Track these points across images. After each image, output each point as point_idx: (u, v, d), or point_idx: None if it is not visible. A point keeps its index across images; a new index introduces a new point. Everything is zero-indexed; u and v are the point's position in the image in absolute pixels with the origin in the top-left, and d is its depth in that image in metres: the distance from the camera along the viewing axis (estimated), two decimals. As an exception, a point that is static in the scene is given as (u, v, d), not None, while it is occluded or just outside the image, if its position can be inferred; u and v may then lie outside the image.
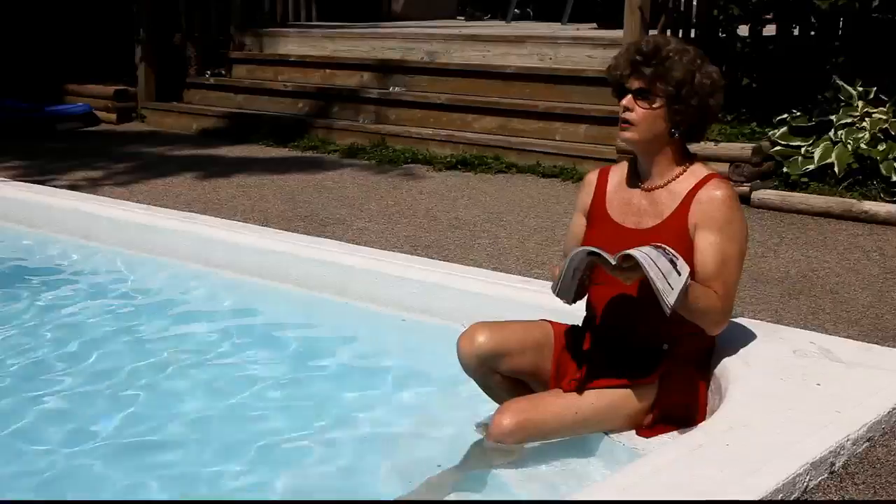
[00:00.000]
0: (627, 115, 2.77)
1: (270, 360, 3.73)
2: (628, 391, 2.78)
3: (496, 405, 2.91)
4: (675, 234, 2.76)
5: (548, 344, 2.91)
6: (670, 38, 2.90)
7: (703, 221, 2.75)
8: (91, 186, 6.49)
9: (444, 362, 3.58)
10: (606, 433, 2.81)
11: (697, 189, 2.79)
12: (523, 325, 2.96)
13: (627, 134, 2.80)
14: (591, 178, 3.00)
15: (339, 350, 3.81)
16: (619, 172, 2.97)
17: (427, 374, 3.53)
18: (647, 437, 2.79)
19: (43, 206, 5.37)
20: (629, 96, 2.77)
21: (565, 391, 2.79)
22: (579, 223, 2.99)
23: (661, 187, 2.84)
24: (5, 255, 5.06)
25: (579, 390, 2.77)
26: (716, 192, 2.77)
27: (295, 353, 3.79)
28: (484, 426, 2.93)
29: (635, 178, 2.90)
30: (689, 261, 2.68)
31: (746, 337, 3.11)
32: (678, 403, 2.83)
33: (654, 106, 2.75)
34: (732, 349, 3.00)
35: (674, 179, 2.83)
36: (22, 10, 10.08)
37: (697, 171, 2.84)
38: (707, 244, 2.74)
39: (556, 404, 2.76)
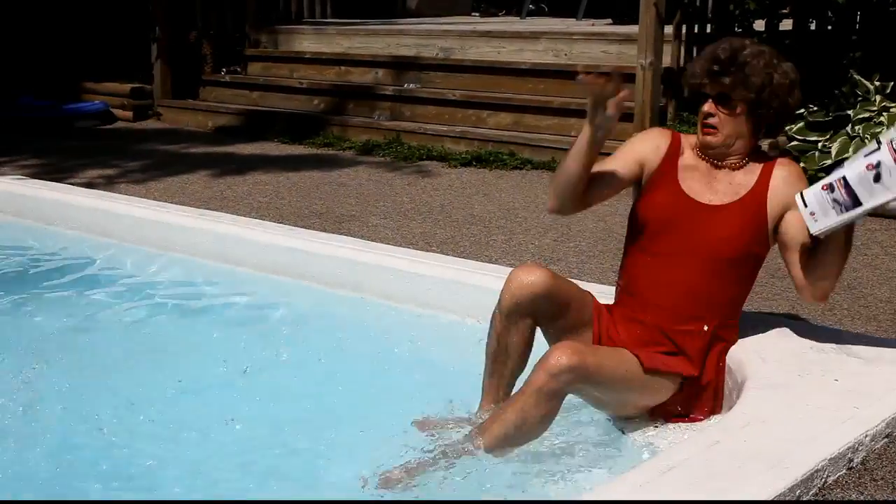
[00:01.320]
0: (711, 121, 2.82)
1: (285, 356, 3.73)
2: (663, 372, 2.79)
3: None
4: (751, 211, 2.83)
5: (588, 313, 2.89)
6: (746, 40, 2.92)
7: (790, 199, 2.78)
8: (107, 184, 6.52)
9: (459, 359, 3.59)
10: (632, 430, 2.80)
11: (770, 170, 2.86)
12: (574, 284, 2.95)
13: (711, 138, 2.84)
14: (663, 135, 2.98)
15: (354, 346, 3.80)
16: (689, 144, 2.96)
17: (442, 371, 3.53)
18: (668, 422, 2.82)
19: (60, 203, 5.40)
20: (710, 102, 2.81)
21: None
22: (627, 170, 2.93)
23: (736, 169, 2.88)
24: (22, 252, 5.09)
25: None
26: (791, 169, 2.88)
27: (310, 350, 3.79)
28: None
29: (708, 154, 2.91)
30: (764, 237, 2.83)
31: (763, 332, 3.10)
32: (708, 391, 2.86)
33: (736, 112, 2.80)
34: (749, 344, 2.98)
35: (746, 164, 2.88)
36: (39, 9, 10.14)
37: (763, 155, 2.94)
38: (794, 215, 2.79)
39: (613, 357, 2.74)
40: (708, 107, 2.81)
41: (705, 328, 2.83)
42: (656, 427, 2.84)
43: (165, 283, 4.57)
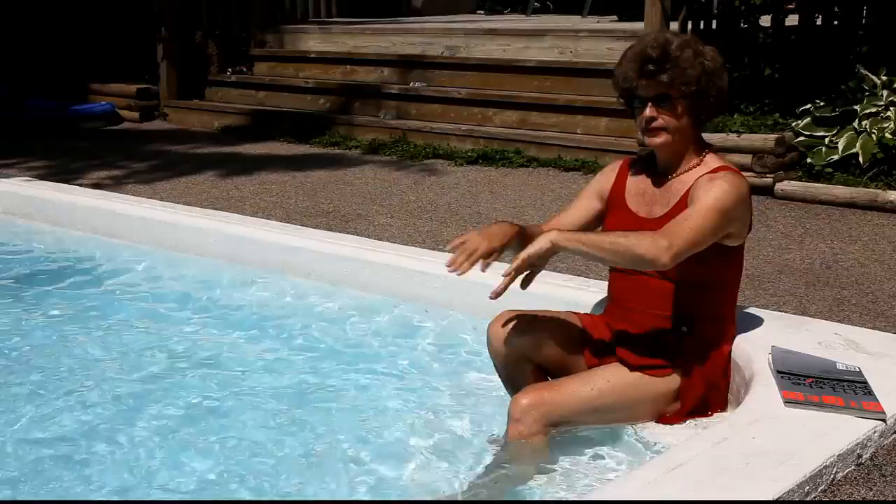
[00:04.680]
0: (656, 125, 2.77)
1: (294, 354, 3.74)
2: (649, 376, 2.78)
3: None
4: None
5: (577, 335, 2.90)
6: (666, 33, 2.88)
7: (697, 188, 2.74)
8: (115, 185, 6.53)
9: (467, 357, 3.60)
10: (631, 424, 2.80)
11: (704, 176, 2.79)
12: (554, 313, 2.95)
13: (659, 140, 2.79)
14: (614, 165, 3.04)
15: (362, 345, 3.82)
16: (638, 163, 3.00)
17: (451, 370, 3.53)
18: (670, 424, 2.80)
19: (67, 204, 5.41)
20: (650, 106, 2.76)
21: (588, 366, 2.81)
22: (590, 206, 2.97)
23: (676, 177, 2.85)
24: (30, 253, 5.10)
25: (599, 358, 2.79)
26: (719, 172, 2.75)
27: (318, 349, 3.80)
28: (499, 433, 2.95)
29: (653, 169, 2.92)
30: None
31: (771, 329, 3.10)
32: (701, 390, 2.83)
33: (677, 109, 2.75)
34: (757, 341, 2.98)
35: (691, 169, 2.84)
36: (46, 11, 10.16)
37: (710, 161, 2.84)
38: (698, 194, 2.71)
39: (573, 382, 2.77)
40: (649, 111, 2.75)
41: (684, 329, 2.81)
42: (664, 425, 2.83)
43: (173, 283, 4.58)
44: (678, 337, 2.81)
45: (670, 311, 2.80)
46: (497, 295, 2.65)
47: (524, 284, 2.71)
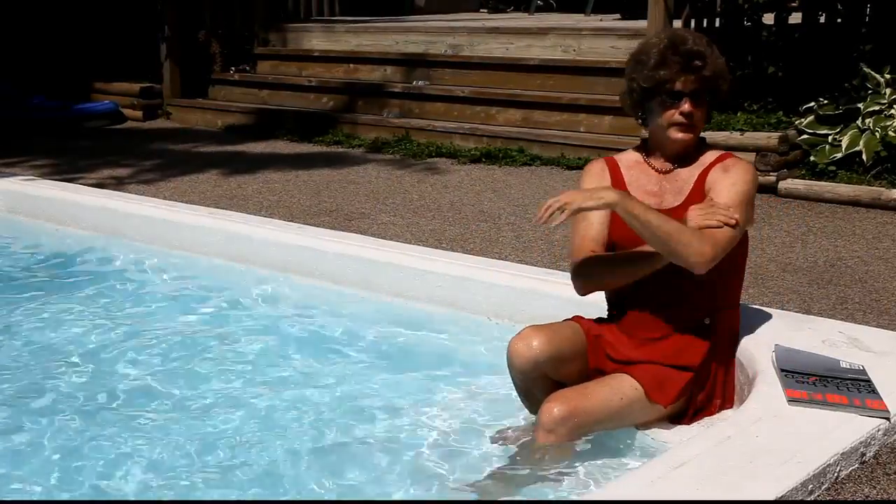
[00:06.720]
0: (692, 120, 2.76)
1: (296, 354, 3.74)
2: (671, 378, 2.77)
3: (519, 400, 2.92)
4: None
5: (594, 345, 2.87)
6: (682, 29, 2.89)
7: (716, 181, 2.77)
8: (118, 184, 6.54)
9: (469, 357, 3.60)
10: (644, 427, 2.79)
11: (713, 164, 2.83)
12: (569, 327, 2.90)
13: (689, 136, 2.79)
14: (601, 166, 2.96)
15: (365, 345, 3.82)
16: (626, 160, 2.96)
17: (453, 370, 3.53)
18: (687, 425, 2.81)
19: (70, 203, 5.42)
20: (688, 101, 2.75)
21: (609, 372, 2.79)
22: (603, 214, 2.89)
23: (681, 167, 2.86)
24: (33, 252, 5.11)
25: (625, 365, 2.77)
26: (727, 161, 2.83)
27: (320, 348, 3.80)
28: (505, 428, 2.95)
29: (648, 162, 2.91)
30: None
31: (775, 327, 3.09)
32: (713, 385, 2.84)
33: (706, 104, 2.78)
34: (761, 340, 2.97)
35: (694, 162, 2.85)
36: (49, 10, 10.17)
37: (712, 151, 2.88)
38: (721, 187, 2.75)
39: (603, 390, 2.74)
40: (689, 106, 2.74)
41: (706, 321, 2.82)
42: (668, 422, 2.84)
43: (175, 283, 4.58)
44: (700, 331, 2.80)
45: (692, 304, 2.79)
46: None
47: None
